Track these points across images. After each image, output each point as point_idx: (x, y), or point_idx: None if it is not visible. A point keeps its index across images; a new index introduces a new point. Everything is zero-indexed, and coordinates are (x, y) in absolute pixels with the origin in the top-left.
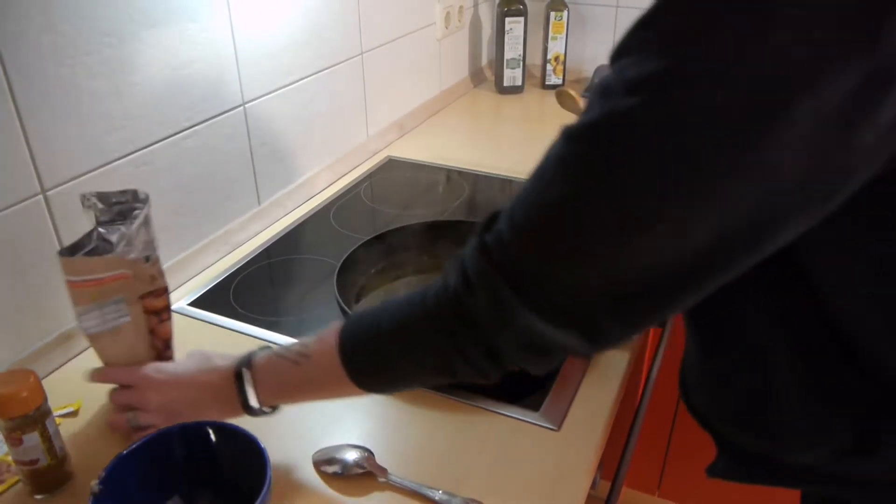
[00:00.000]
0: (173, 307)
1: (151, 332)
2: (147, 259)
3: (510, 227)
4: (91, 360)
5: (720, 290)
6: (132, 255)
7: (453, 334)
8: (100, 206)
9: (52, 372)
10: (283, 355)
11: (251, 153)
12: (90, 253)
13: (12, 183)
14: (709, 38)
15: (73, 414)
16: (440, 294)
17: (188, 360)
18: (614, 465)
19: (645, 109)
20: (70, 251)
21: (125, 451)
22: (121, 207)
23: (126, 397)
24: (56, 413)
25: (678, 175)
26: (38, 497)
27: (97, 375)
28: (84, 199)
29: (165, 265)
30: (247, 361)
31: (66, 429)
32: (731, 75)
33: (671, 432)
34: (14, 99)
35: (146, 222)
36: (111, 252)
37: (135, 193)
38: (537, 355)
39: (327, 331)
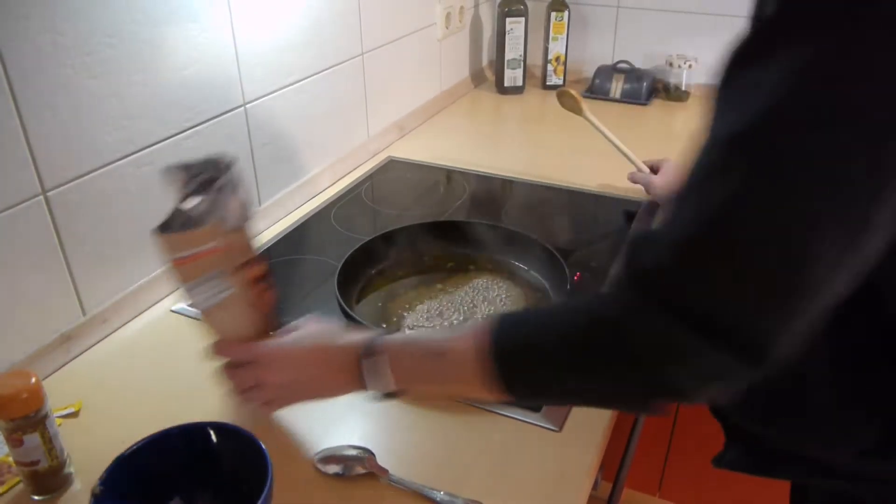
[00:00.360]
0: (175, 308)
1: (255, 301)
2: (240, 227)
3: (669, 251)
4: (92, 361)
5: None
6: (227, 225)
7: (618, 365)
8: (184, 177)
9: (53, 373)
10: (413, 345)
11: (252, 154)
12: (184, 228)
13: (13, 183)
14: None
15: (74, 415)
16: (598, 323)
17: (306, 331)
18: (615, 465)
19: (813, 102)
20: (162, 229)
21: (126, 452)
22: (204, 177)
23: (244, 376)
24: (57, 414)
25: (863, 165)
26: (39, 498)
27: (216, 348)
28: (167, 172)
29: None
30: (373, 346)
31: (67, 430)
32: None
33: (672, 433)
34: (15, 99)
35: (234, 187)
36: (203, 225)
37: (216, 162)
38: (705, 386)
39: (464, 330)
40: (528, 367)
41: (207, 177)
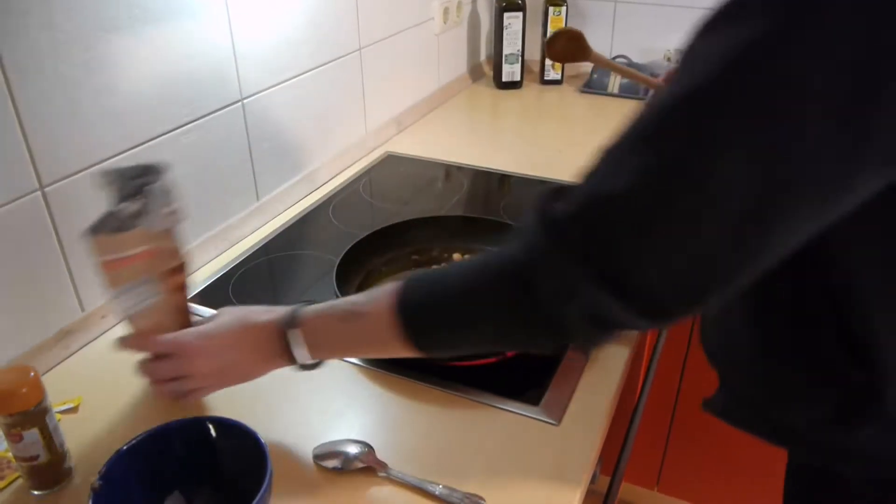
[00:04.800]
0: None
1: (182, 306)
2: (169, 231)
3: (577, 201)
4: (91, 356)
5: None
6: (156, 229)
7: (517, 305)
8: (118, 182)
9: (52, 368)
10: (330, 313)
11: (250, 149)
12: (114, 231)
13: (10, 179)
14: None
15: (74, 410)
16: (505, 264)
17: (224, 318)
18: (614, 459)
19: (734, 85)
20: (93, 231)
21: (125, 447)
22: (139, 182)
23: (171, 368)
24: (56, 409)
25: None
26: (39, 493)
27: (131, 342)
28: (102, 176)
29: None
30: (292, 319)
31: (67, 425)
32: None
33: (670, 427)
34: (12, 95)
35: (165, 193)
36: (132, 228)
37: (148, 167)
38: (597, 330)
39: (379, 291)
40: (428, 319)
41: (141, 182)
